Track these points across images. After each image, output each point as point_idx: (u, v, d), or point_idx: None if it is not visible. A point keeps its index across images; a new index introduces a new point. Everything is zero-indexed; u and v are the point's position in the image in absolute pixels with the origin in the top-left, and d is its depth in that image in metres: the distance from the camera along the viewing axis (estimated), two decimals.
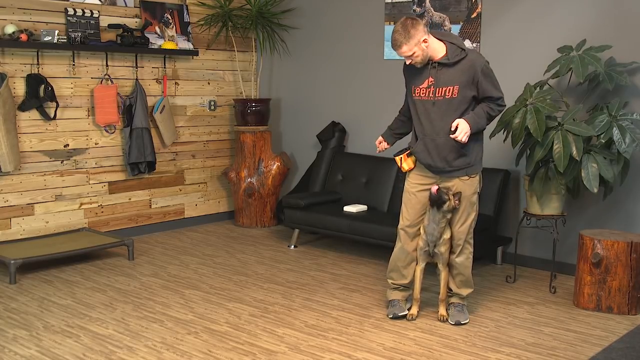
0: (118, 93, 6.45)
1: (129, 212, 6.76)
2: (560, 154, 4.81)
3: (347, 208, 6.24)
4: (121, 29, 6.37)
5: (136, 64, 6.62)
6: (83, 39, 6.05)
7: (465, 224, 4.44)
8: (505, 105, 4.34)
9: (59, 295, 5.01)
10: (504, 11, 5.87)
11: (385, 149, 4.78)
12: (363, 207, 6.27)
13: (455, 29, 6.13)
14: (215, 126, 7.44)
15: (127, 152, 6.53)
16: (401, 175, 6.29)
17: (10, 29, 5.68)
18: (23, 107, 5.89)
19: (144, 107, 6.54)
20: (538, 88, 5.14)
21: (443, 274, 4.55)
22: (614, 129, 4.86)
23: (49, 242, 5.87)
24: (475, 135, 4.30)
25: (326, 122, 7.12)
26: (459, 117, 4.24)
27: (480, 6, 5.99)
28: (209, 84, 7.32)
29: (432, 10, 6.28)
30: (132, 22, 6.58)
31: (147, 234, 6.87)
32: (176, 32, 6.92)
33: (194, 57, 7.11)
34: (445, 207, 4.36)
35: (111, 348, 4.04)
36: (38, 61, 5.94)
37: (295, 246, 6.47)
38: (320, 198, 6.59)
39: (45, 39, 5.84)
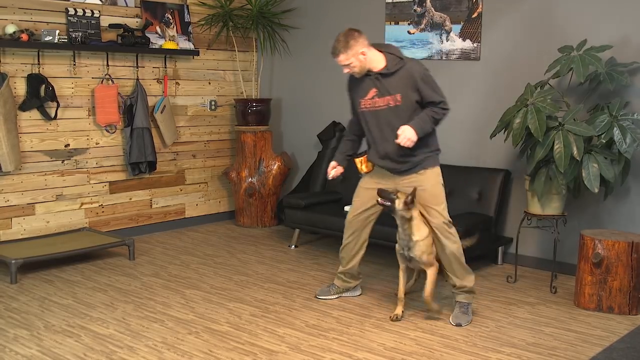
0: (119, 93, 6.46)
1: (130, 212, 6.77)
2: (561, 154, 4.82)
3: (347, 208, 6.18)
4: (122, 29, 6.38)
5: (137, 64, 6.63)
6: (84, 38, 6.06)
7: (435, 216, 4.50)
8: (448, 109, 4.48)
9: (59, 295, 5.02)
10: (505, 11, 5.88)
11: (341, 173, 4.91)
12: None
13: (456, 29, 6.14)
14: (216, 126, 7.45)
15: (128, 152, 6.54)
16: None
17: (11, 29, 5.69)
18: (24, 106, 5.90)
19: (144, 107, 6.55)
20: (539, 88, 5.15)
21: (429, 273, 4.54)
22: (615, 129, 4.87)
23: (49, 242, 5.88)
24: (425, 136, 4.46)
25: (327, 122, 7.13)
26: (406, 122, 4.39)
27: (481, 6, 5.99)
28: (209, 83, 7.33)
29: (433, 10, 6.28)
30: (133, 22, 6.59)
31: (147, 233, 6.88)
32: (177, 32, 6.93)
33: (195, 57, 7.12)
34: (398, 207, 4.41)
35: (112, 348, 4.05)
36: (39, 61, 5.96)
37: (295, 246, 6.48)
38: (321, 198, 6.59)
39: (46, 38, 5.85)
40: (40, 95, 5.95)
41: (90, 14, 6.22)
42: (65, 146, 6.23)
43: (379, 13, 6.68)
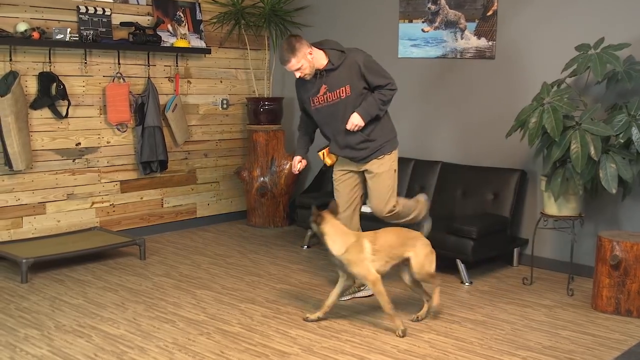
0: (130, 91, 6.46)
1: (141, 211, 6.77)
2: (578, 154, 4.78)
3: (363, 208, 6.20)
4: (133, 27, 6.38)
5: (148, 62, 6.63)
6: (95, 37, 6.06)
7: (381, 200, 4.83)
8: (396, 88, 4.71)
9: (70, 294, 5.02)
10: (521, 9, 5.84)
11: (305, 165, 5.15)
12: None
13: (471, 27, 6.10)
14: (227, 125, 7.44)
15: (139, 151, 6.54)
16: (413, 174, 6.29)
17: (22, 27, 5.69)
18: (35, 105, 5.91)
19: (156, 105, 6.55)
20: (555, 87, 5.10)
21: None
22: (633, 128, 4.81)
23: (60, 241, 5.89)
24: (378, 121, 4.75)
25: None
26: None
27: (496, 4, 5.95)
28: (221, 82, 7.32)
29: (447, 7, 6.25)
30: (145, 20, 6.59)
31: (159, 233, 6.88)
32: (188, 30, 6.92)
33: (207, 55, 7.11)
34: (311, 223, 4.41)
35: (122, 348, 4.04)
36: (50, 59, 5.96)
37: (308, 246, 6.46)
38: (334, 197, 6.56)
39: (57, 37, 5.85)
40: (51, 93, 5.96)
41: (101, 12, 6.22)
42: (76, 145, 6.23)
43: (393, 11, 6.65)
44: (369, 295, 4.98)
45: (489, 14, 6.01)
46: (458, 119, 6.32)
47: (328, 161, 4.96)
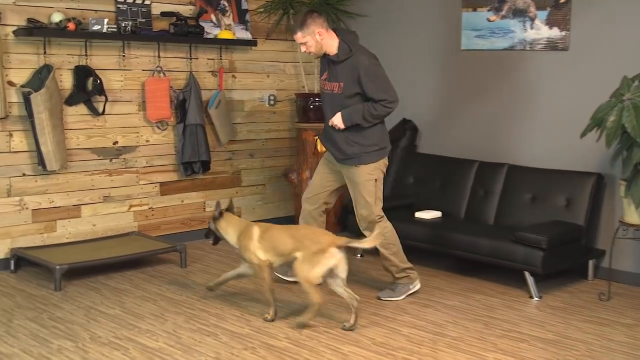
0: (171, 86, 6.50)
1: (182, 215, 6.80)
2: None
3: (419, 214, 6.18)
4: (174, 17, 6.41)
5: (190, 55, 6.67)
6: (134, 28, 6.11)
7: (361, 209, 5.08)
8: (392, 108, 4.94)
9: (106, 304, 5.06)
10: None
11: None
12: (437, 214, 6.21)
13: (542, 16, 6.01)
14: (275, 123, 7.44)
15: (180, 151, 6.58)
16: (476, 177, 6.22)
17: (57, 18, 5.76)
18: (70, 101, 5.98)
19: (198, 101, 6.58)
20: (637, 81, 4.98)
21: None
22: None
23: (96, 247, 5.95)
24: (364, 129, 4.98)
25: (396, 119, 7.05)
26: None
27: None
28: (268, 77, 7.32)
29: None
30: (186, 10, 6.63)
31: (200, 239, 6.89)
32: (233, 21, 6.94)
33: (253, 47, 7.12)
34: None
35: None
36: (86, 52, 6.03)
37: (361, 255, 6.42)
38: (390, 203, 6.49)
39: (94, 28, 5.91)
40: (87, 88, 6.03)
41: (140, 2, 6.28)
42: (114, 144, 6.29)
43: None
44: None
45: (562, 1, 5.91)
46: (527, 117, 6.23)
47: (319, 147, 5.30)
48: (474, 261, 5.72)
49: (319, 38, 4.90)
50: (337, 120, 4.98)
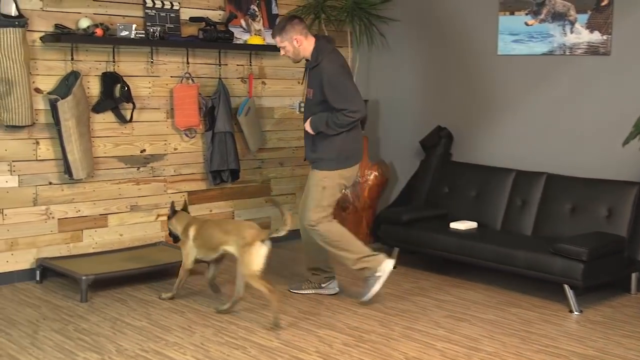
0: (199, 93, 6.55)
1: None
2: None
3: (454, 225, 6.17)
4: (203, 23, 6.47)
5: (219, 61, 6.72)
6: (162, 33, 6.18)
7: (305, 209, 5.43)
8: (353, 117, 5.16)
9: (133, 316, 5.11)
10: None
11: None
12: (472, 224, 6.19)
13: (582, 19, 5.99)
14: None
15: (209, 159, 6.62)
16: (513, 186, 6.20)
17: (84, 23, 5.84)
18: (97, 108, 6.06)
19: (227, 109, 6.63)
20: None
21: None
22: None
23: (123, 257, 6.01)
24: (328, 137, 5.26)
25: (431, 126, 7.06)
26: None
27: None
28: (299, 83, 7.36)
29: None
30: (216, 15, 6.69)
31: None
32: (263, 26, 6.99)
33: None
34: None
35: None
36: (114, 58, 6.11)
37: (394, 267, 6.40)
38: (424, 213, 6.53)
39: (122, 34, 5.98)
40: (115, 95, 6.10)
41: (169, 7, 6.35)
42: (141, 152, 6.36)
43: (492, 2, 6.58)
44: (332, 294, 5.60)
45: (603, 3, 5.88)
46: (567, 124, 6.20)
47: None
48: (511, 274, 5.70)
49: (296, 44, 5.24)
50: (307, 126, 5.32)
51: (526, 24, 6.37)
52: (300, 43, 5.24)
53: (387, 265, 5.35)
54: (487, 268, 5.84)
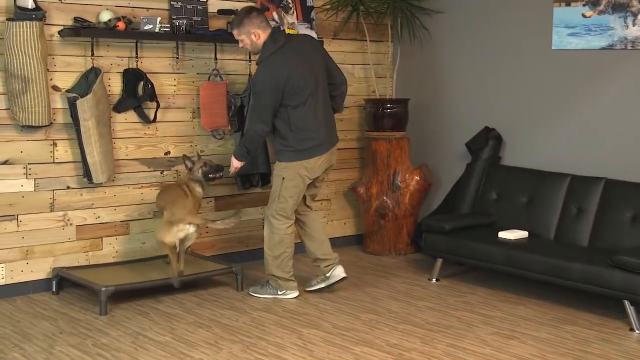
0: (228, 91, 6.55)
1: (239, 233, 6.85)
2: None
3: (502, 234, 6.12)
4: (233, 16, 6.47)
5: (250, 57, 6.72)
6: (188, 27, 6.19)
7: (270, 199, 5.80)
8: (250, 133, 5.77)
9: (155, 330, 5.12)
10: None
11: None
12: (523, 234, 6.14)
13: None
14: (341, 132, 7.42)
15: None
16: (568, 193, 6.14)
17: (105, 17, 5.87)
18: (119, 107, 6.09)
19: None
20: None
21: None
22: None
23: (145, 267, 6.03)
24: (279, 134, 5.69)
25: (478, 127, 7.01)
26: None
27: None
28: None
29: None
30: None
31: (259, 260, 6.89)
32: (297, 19, 6.98)
33: None
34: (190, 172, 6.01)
35: None
36: (137, 54, 6.14)
37: (437, 279, 6.38)
38: (470, 221, 6.50)
39: (146, 27, 6.01)
40: (137, 94, 6.13)
41: None
42: (166, 154, 6.38)
43: None
44: (340, 279, 5.96)
45: None
46: (628, 125, 6.12)
47: None
48: (566, 288, 5.64)
49: (254, 38, 5.54)
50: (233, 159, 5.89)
51: (583, 15, 6.32)
52: (258, 37, 5.54)
53: (292, 293, 5.88)
54: (539, 281, 5.79)
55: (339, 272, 5.95)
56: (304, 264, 6.50)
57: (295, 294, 5.86)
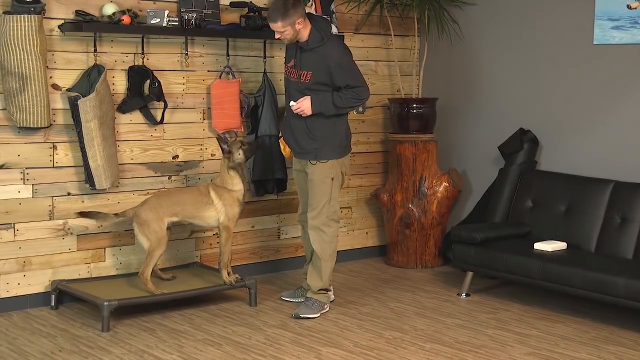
0: (241, 90, 6.56)
1: (252, 243, 6.85)
2: None
3: (539, 245, 6.10)
4: (246, 8, 6.49)
5: (264, 54, 6.73)
6: (199, 21, 6.19)
7: (314, 207, 5.70)
8: (363, 97, 5.61)
9: (162, 348, 5.12)
10: None
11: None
12: (561, 245, 6.13)
13: None
14: (363, 134, 7.44)
15: (251, 167, 6.62)
16: (611, 200, 6.11)
17: (110, 10, 5.87)
18: (124, 107, 6.09)
19: (273, 108, 6.63)
20: None
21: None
22: None
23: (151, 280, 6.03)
24: (328, 122, 5.63)
25: (512, 129, 6.99)
26: None
27: None
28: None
29: None
30: (260, 0, 6.69)
31: (274, 272, 6.94)
32: (316, 12, 6.97)
33: None
34: (229, 156, 5.88)
35: None
36: (143, 50, 6.14)
37: (467, 294, 6.36)
38: (503, 231, 6.48)
39: (153, 21, 6.01)
40: (143, 93, 6.14)
41: None
42: (174, 158, 6.39)
43: None
44: None
45: None
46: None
47: (286, 150, 5.96)
48: (609, 304, 5.61)
49: (298, 27, 5.53)
50: (305, 105, 5.56)
51: (629, 7, 6.29)
52: (302, 25, 5.53)
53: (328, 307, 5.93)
54: (579, 297, 5.77)
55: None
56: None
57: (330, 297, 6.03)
